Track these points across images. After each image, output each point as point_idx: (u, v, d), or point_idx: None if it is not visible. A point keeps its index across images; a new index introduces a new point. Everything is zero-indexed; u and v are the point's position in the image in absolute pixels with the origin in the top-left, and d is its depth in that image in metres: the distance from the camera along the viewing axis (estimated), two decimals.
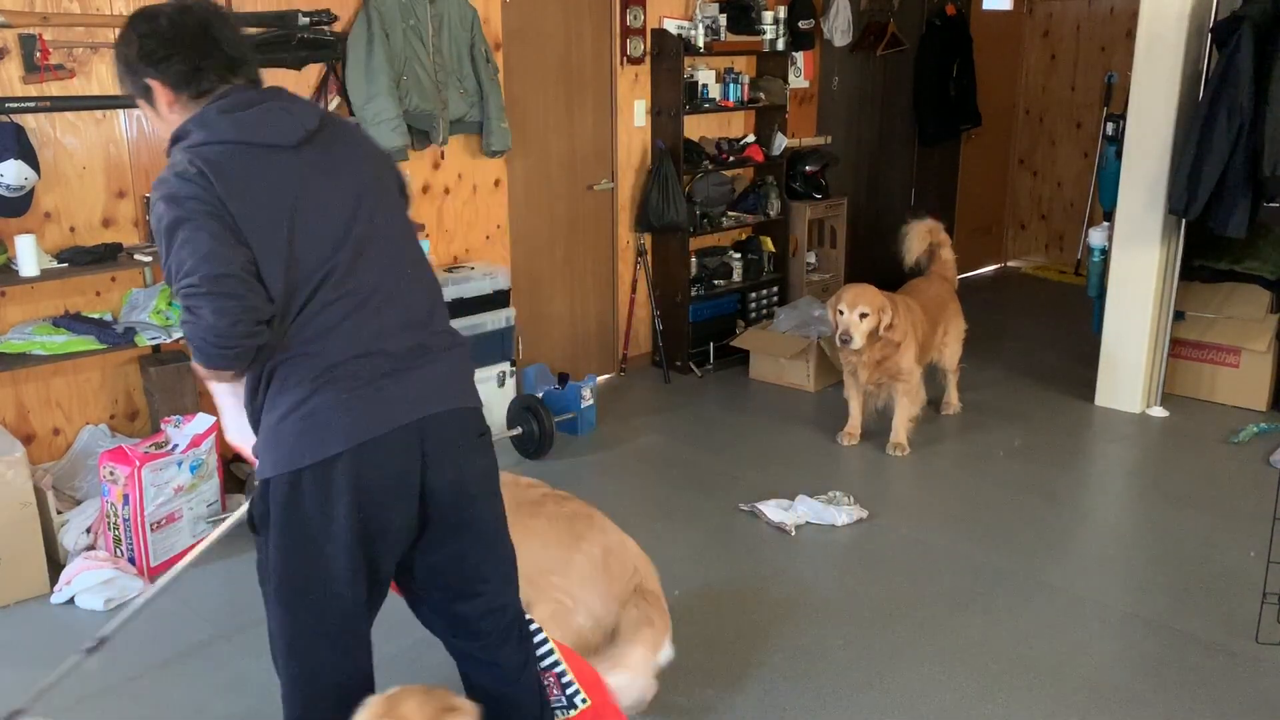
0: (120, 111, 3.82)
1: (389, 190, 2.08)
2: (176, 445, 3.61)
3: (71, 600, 3.39)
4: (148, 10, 1.97)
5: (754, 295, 6.04)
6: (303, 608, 1.97)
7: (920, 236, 5.16)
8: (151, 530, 3.53)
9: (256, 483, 1.95)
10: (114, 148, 3.84)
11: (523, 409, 4.62)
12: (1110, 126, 5.34)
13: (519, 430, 4.60)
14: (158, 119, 2.01)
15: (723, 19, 5.66)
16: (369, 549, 1.94)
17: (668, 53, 5.46)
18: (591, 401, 4.94)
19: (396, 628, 2.43)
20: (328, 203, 1.94)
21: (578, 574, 2.63)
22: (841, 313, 4.50)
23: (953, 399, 5.17)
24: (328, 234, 1.92)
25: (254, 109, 1.95)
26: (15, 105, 3.52)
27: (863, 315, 4.45)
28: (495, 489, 2.13)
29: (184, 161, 1.86)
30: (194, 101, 1.96)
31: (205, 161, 1.84)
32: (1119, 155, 5.00)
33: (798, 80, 6.30)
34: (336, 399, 1.88)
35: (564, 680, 2.31)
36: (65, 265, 3.62)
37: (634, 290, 5.74)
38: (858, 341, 4.46)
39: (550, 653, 2.32)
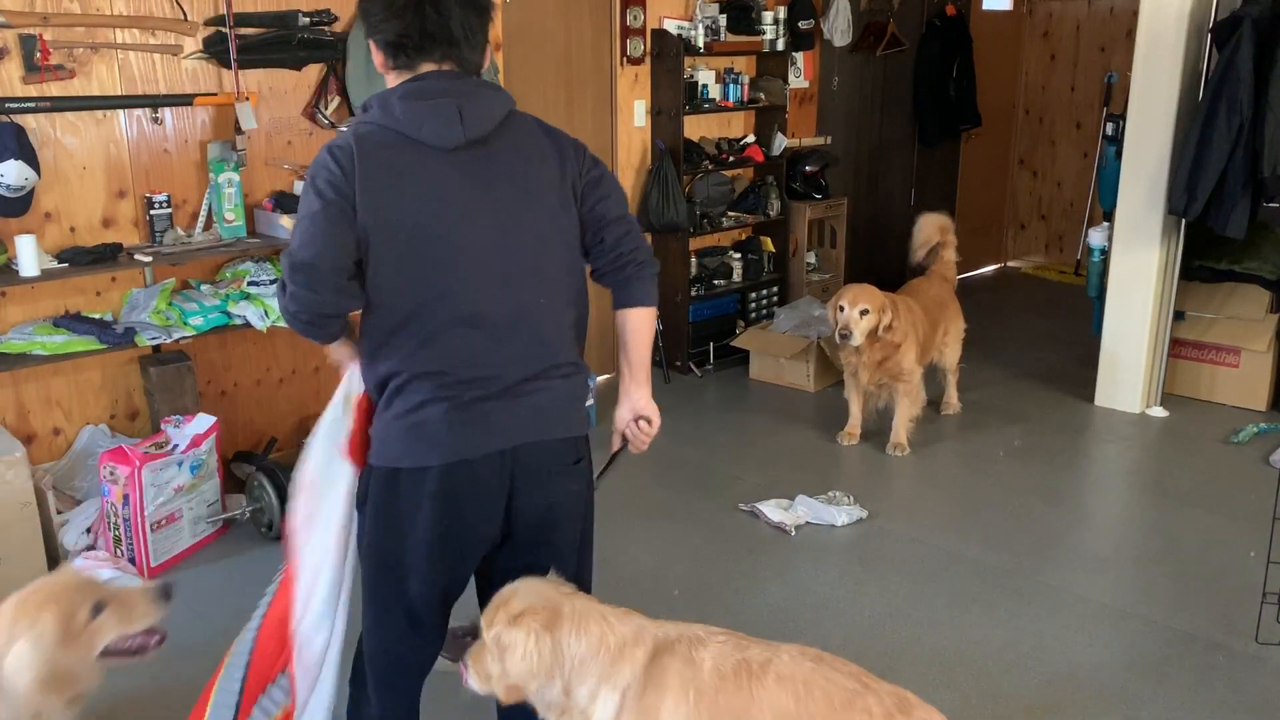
0: (120, 111, 3.82)
1: (544, 209, 1.98)
2: (176, 445, 3.61)
3: None
4: None
5: (754, 295, 6.04)
6: (382, 589, 2.07)
7: (933, 229, 5.16)
8: (152, 530, 3.53)
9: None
10: (114, 148, 3.84)
11: None
12: (1110, 126, 5.35)
13: None
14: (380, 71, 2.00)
15: (723, 19, 5.66)
16: (448, 554, 2.02)
17: (668, 53, 5.46)
18: (591, 401, 4.93)
19: None
20: (466, 217, 1.90)
21: None
22: (842, 309, 4.50)
23: (953, 399, 5.17)
24: (456, 248, 1.90)
25: (432, 101, 1.87)
26: (15, 105, 3.52)
27: (863, 312, 4.45)
28: (582, 511, 2.15)
29: (345, 139, 1.88)
30: (397, 73, 1.93)
31: (360, 144, 1.86)
32: (1119, 155, 5.00)
33: (798, 80, 6.30)
34: (443, 415, 1.91)
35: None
36: (65, 265, 3.62)
37: None
38: (857, 338, 4.46)
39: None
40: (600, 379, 5.55)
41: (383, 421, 1.97)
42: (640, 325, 2.10)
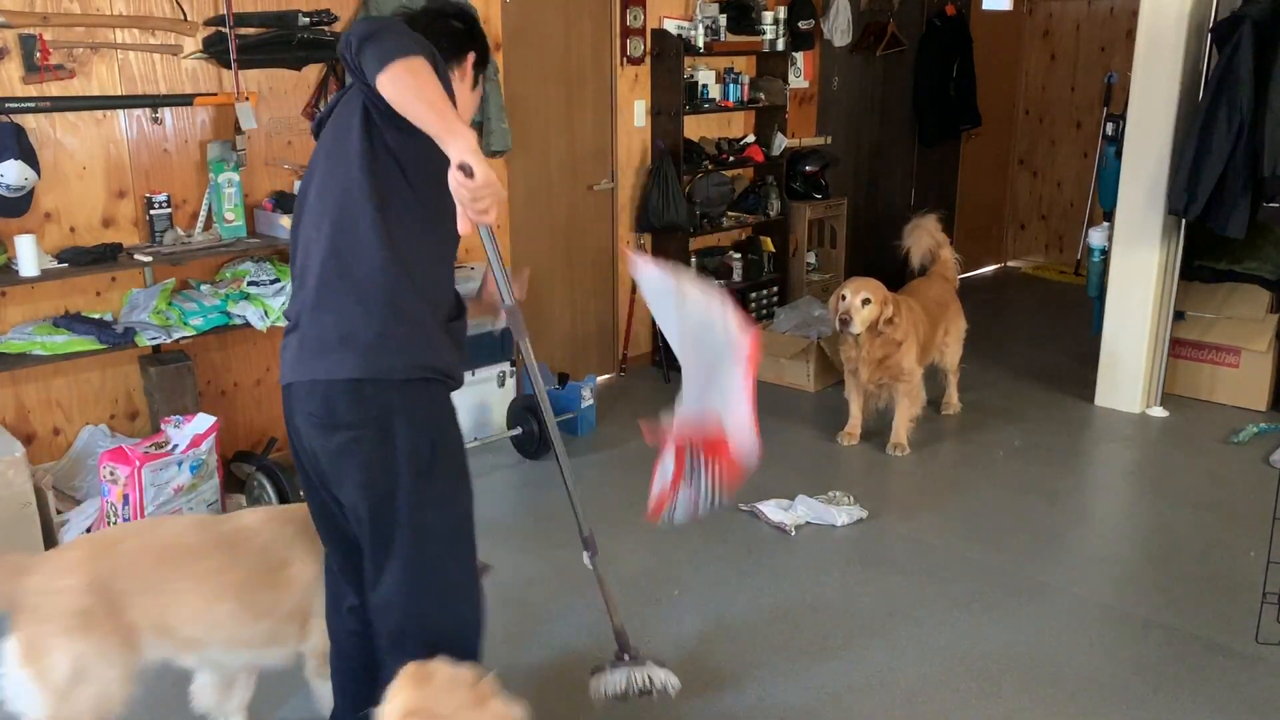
0: (120, 111, 3.82)
1: (337, 162, 1.99)
2: (176, 445, 3.61)
3: None
4: None
5: (754, 295, 6.04)
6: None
7: (924, 233, 5.16)
8: None
9: None
10: (114, 148, 3.84)
11: (522, 409, 4.62)
12: (1110, 126, 5.34)
13: (519, 430, 4.60)
14: None
15: (723, 19, 5.66)
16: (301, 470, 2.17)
17: (668, 53, 5.46)
18: (591, 401, 4.93)
19: None
20: (304, 190, 2.11)
21: None
22: (844, 298, 4.50)
23: (953, 399, 5.17)
24: (299, 214, 2.12)
25: None
26: (15, 105, 3.51)
27: (865, 301, 4.46)
28: (360, 479, 2.00)
29: None
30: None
31: None
32: (1119, 155, 5.00)
33: (798, 80, 6.30)
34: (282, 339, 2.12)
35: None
36: (65, 265, 3.62)
37: (634, 290, 5.73)
38: (857, 326, 4.46)
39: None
40: (600, 379, 5.55)
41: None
42: (386, 86, 1.78)
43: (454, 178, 1.71)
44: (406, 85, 1.76)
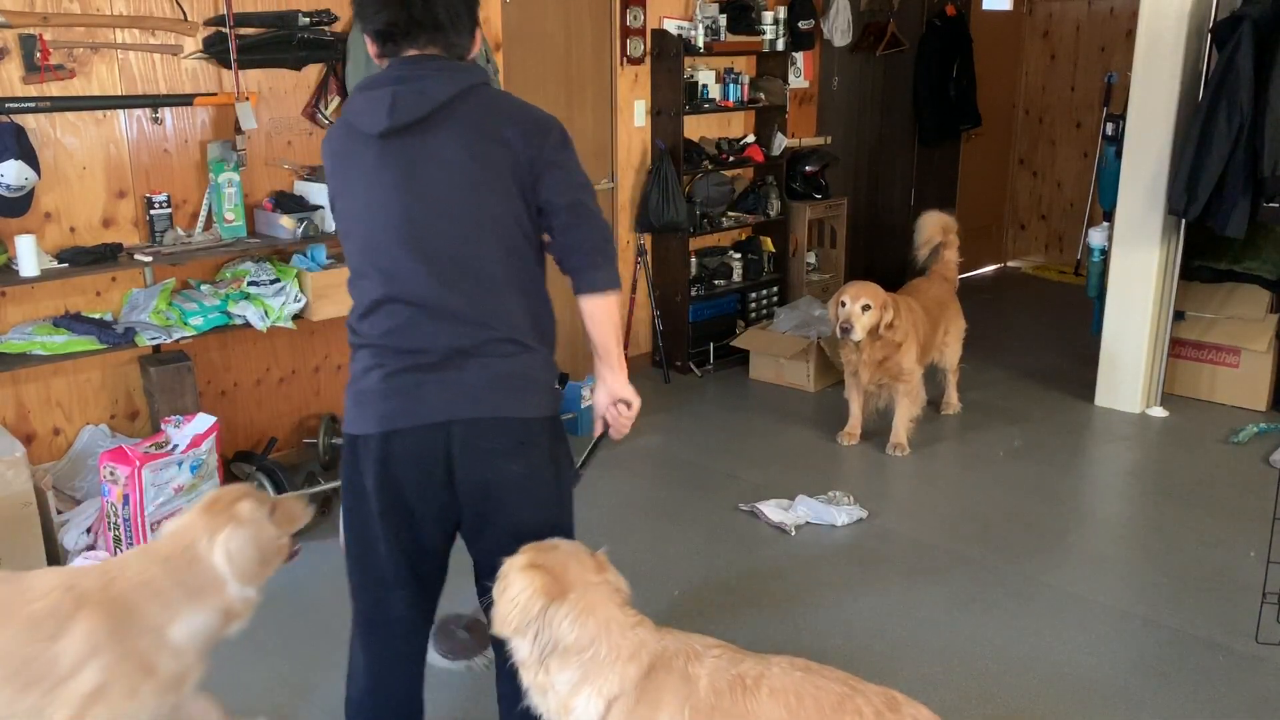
0: (120, 111, 3.82)
1: (476, 190, 1.96)
2: (176, 445, 3.61)
3: None
4: None
5: (754, 295, 6.04)
6: (353, 552, 2.15)
7: (935, 228, 5.14)
8: (152, 530, 3.53)
9: None
10: (114, 148, 3.84)
11: None
12: (1110, 126, 5.34)
13: None
14: None
15: (723, 19, 5.66)
16: (400, 523, 2.07)
17: (668, 53, 5.46)
18: (591, 402, 4.93)
19: None
20: (391, 200, 1.97)
21: None
22: (843, 304, 4.50)
23: (953, 399, 5.17)
24: (382, 230, 1.98)
25: (376, 90, 1.97)
26: (15, 105, 3.52)
27: (865, 307, 4.46)
28: (534, 495, 2.09)
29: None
30: (385, 61, 2.02)
31: (327, 135, 2.09)
32: (1119, 155, 5.00)
33: (798, 80, 6.30)
34: (379, 385, 2.01)
35: None
36: (65, 265, 3.62)
37: (634, 290, 5.74)
38: (859, 333, 4.46)
39: None
40: None
41: (347, 387, 2.10)
42: (594, 311, 2.07)
43: (609, 404, 2.17)
44: (607, 316, 2.08)
